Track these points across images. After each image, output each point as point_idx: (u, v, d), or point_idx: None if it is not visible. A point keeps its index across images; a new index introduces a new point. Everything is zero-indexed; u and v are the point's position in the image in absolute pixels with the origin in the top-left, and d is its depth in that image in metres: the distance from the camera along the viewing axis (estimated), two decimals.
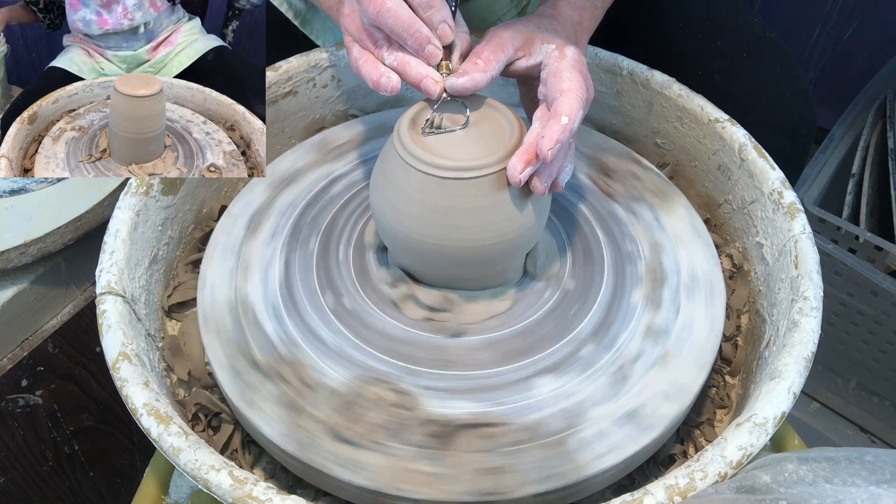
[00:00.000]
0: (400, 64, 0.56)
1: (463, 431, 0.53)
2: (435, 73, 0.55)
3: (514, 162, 0.54)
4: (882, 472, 0.42)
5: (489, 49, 0.57)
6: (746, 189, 0.68)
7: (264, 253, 0.64)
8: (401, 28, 0.54)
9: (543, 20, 0.62)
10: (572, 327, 0.59)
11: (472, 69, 0.55)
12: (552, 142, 0.52)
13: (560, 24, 0.62)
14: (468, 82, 0.55)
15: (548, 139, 0.53)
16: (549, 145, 0.52)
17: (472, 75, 0.55)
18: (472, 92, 0.56)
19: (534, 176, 0.55)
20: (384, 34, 0.56)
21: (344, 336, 0.59)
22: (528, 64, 0.59)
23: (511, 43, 0.58)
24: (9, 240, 0.79)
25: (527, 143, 0.54)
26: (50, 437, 0.92)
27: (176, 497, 0.62)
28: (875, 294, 1.02)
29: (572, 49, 0.57)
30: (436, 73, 0.55)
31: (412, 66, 0.55)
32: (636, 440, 0.53)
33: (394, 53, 0.56)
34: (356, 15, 0.58)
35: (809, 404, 1.22)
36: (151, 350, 0.60)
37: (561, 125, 0.53)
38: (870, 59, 1.36)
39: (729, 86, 0.81)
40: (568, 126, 0.53)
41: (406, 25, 0.54)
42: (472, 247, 0.56)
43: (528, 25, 0.60)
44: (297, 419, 0.53)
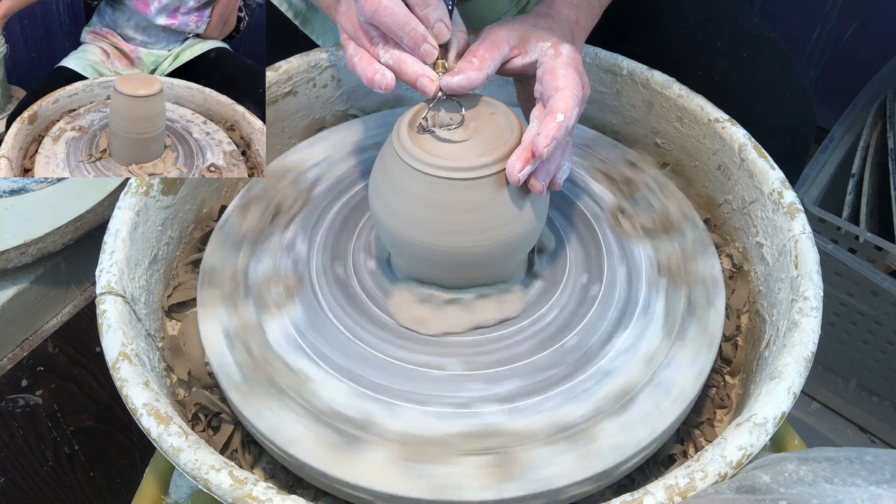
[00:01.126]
0: (396, 62, 0.56)
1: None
2: (431, 72, 0.55)
3: (512, 161, 0.54)
4: (882, 472, 0.42)
5: (484, 47, 0.57)
6: (746, 189, 0.68)
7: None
8: (397, 26, 0.54)
9: (539, 19, 0.62)
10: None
11: (467, 68, 0.55)
12: (548, 139, 0.52)
13: (556, 23, 0.62)
14: (463, 81, 0.55)
15: (543, 136, 0.53)
16: (544, 143, 0.52)
17: (468, 73, 0.55)
18: (468, 90, 0.56)
19: (531, 175, 0.55)
20: (380, 32, 0.56)
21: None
22: (524, 62, 0.59)
23: (507, 41, 0.58)
24: (9, 240, 0.79)
25: (525, 143, 0.54)
26: (50, 437, 0.92)
27: (176, 497, 0.62)
28: (875, 294, 1.02)
29: (567, 47, 0.57)
30: (431, 71, 0.55)
31: (408, 65, 0.55)
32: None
33: (390, 51, 0.56)
34: (352, 12, 0.58)
35: (809, 404, 1.22)
36: (151, 350, 0.60)
37: (556, 122, 0.53)
38: (870, 59, 1.36)
39: (729, 86, 0.81)
40: (563, 123, 0.53)
41: (402, 23, 0.54)
42: (472, 247, 0.56)
43: (524, 24, 0.60)
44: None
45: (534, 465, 0.51)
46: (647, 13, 0.86)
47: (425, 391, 0.55)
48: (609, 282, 0.63)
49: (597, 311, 0.61)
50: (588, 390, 0.55)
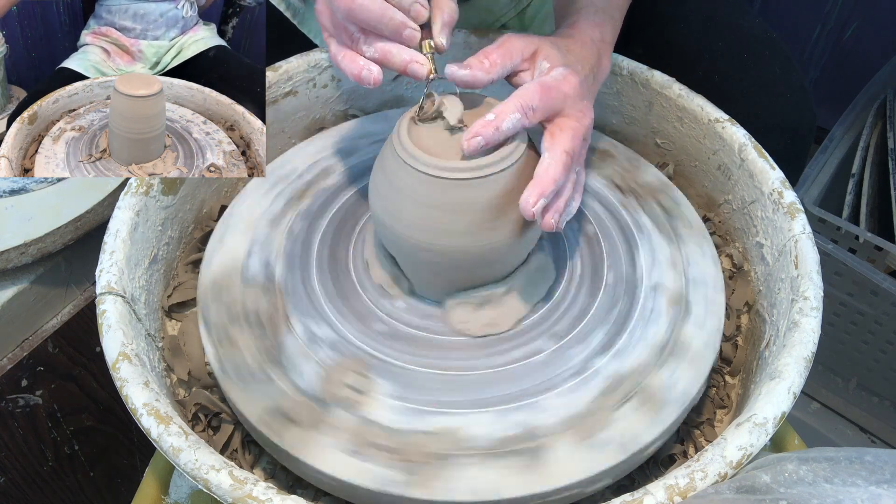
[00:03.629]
0: (381, 54, 0.55)
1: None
2: (419, 56, 0.54)
3: (525, 196, 0.53)
4: (882, 472, 0.42)
5: (498, 53, 0.56)
6: (746, 189, 0.68)
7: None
8: (374, 20, 0.53)
9: (560, 40, 0.62)
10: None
11: (476, 66, 0.55)
12: (470, 133, 0.53)
13: (578, 44, 0.62)
14: (467, 77, 0.55)
15: (529, 195, 0.53)
16: (467, 136, 0.53)
17: (474, 72, 0.55)
18: (468, 87, 0.56)
19: (544, 211, 0.54)
20: (359, 27, 0.55)
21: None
22: (531, 79, 0.59)
23: (521, 52, 0.58)
24: (9, 240, 0.79)
25: (537, 176, 0.54)
26: (50, 437, 0.91)
27: (176, 497, 0.62)
28: (875, 294, 1.02)
29: (560, 70, 0.57)
30: (420, 55, 0.54)
31: (394, 54, 0.54)
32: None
33: (373, 45, 0.55)
34: (328, 11, 0.57)
35: (809, 404, 1.22)
36: (151, 350, 0.60)
37: (485, 120, 0.53)
38: (870, 59, 1.36)
39: (729, 86, 0.81)
40: (493, 123, 0.53)
41: (379, 16, 0.53)
42: (471, 247, 0.56)
43: (543, 40, 0.60)
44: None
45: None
46: (648, 13, 0.86)
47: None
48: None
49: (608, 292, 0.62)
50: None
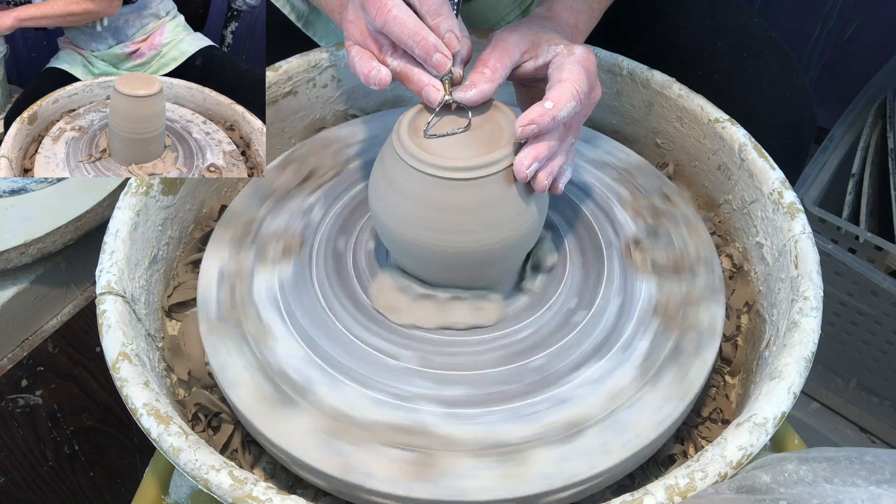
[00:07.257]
0: (403, 70, 0.56)
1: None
2: (436, 82, 0.55)
3: (520, 157, 0.54)
4: (882, 472, 0.42)
5: (495, 56, 0.57)
6: (746, 189, 0.68)
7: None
8: (407, 36, 0.54)
9: (544, 21, 0.62)
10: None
11: (479, 80, 0.55)
12: (526, 120, 0.53)
13: (556, 27, 0.62)
14: (476, 95, 0.55)
15: (523, 117, 0.53)
16: (522, 122, 0.53)
17: (480, 87, 0.55)
18: (482, 102, 0.56)
19: (538, 172, 0.55)
20: (389, 41, 0.56)
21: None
22: (536, 65, 0.59)
23: (518, 47, 0.58)
24: (9, 240, 0.79)
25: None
26: (50, 437, 0.92)
27: (176, 497, 0.63)
28: (875, 294, 1.02)
29: (580, 48, 0.57)
30: (437, 81, 0.55)
31: (415, 74, 0.55)
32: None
33: (398, 60, 0.56)
34: (361, 21, 0.57)
35: (809, 404, 1.22)
36: (151, 350, 0.60)
37: (542, 108, 0.53)
38: (870, 59, 1.36)
39: (729, 86, 0.81)
40: (550, 112, 0.53)
41: (412, 33, 0.53)
42: (471, 247, 0.56)
43: (532, 27, 0.60)
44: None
45: (452, 472, 0.51)
46: (648, 13, 0.86)
47: (372, 375, 0.56)
48: (597, 311, 0.60)
49: (575, 337, 0.59)
50: (536, 413, 0.54)
